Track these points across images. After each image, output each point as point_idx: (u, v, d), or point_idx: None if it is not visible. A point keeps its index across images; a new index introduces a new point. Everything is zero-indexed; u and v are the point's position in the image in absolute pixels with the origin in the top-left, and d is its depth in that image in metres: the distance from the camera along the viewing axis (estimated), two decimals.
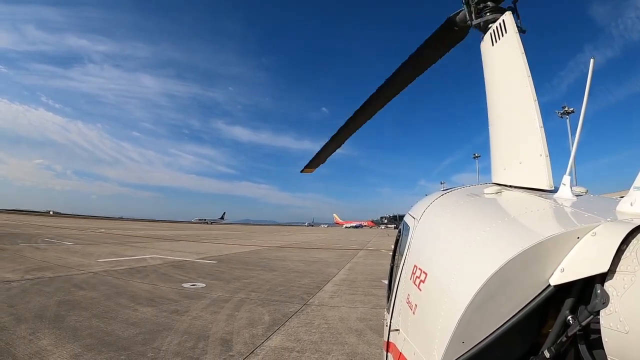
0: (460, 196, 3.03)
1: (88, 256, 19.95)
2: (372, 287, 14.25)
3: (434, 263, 2.39)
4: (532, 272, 1.67)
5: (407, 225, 3.38)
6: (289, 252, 30.40)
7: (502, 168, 3.07)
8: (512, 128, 3.00)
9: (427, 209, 3.03)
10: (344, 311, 10.29)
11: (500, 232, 2.00)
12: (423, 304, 2.33)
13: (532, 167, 2.70)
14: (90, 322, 7.98)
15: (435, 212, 2.94)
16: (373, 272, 18.88)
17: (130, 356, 6.24)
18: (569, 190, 2.41)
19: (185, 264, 19.37)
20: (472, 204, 2.77)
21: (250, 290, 12.76)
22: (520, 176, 2.81)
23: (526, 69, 2.85)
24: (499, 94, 3.23)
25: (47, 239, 30.11)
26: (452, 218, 2.69)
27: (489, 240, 1.98)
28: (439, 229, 2.73)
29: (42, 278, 12.63)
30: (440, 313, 1.95)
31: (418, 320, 2.38)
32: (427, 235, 2.80)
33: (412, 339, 2.45)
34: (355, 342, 7.66)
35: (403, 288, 2.83)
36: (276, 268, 19.33)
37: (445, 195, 3.17)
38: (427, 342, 2.09)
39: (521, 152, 2.83)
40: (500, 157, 3.15)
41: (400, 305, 2.83)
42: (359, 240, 57.30)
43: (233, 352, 6.69)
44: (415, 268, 2.54)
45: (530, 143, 2.71)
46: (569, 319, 1.65)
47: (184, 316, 8.93)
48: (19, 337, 6.74)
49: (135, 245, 30.53)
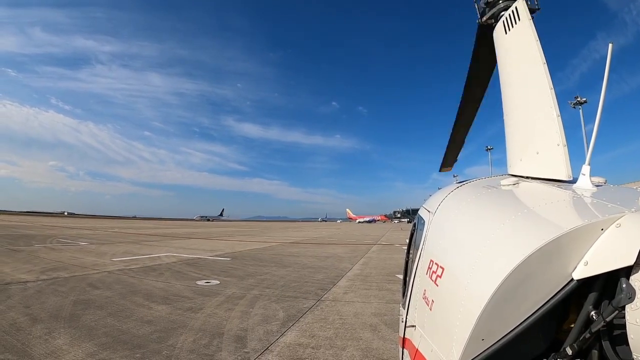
0: (476, 188, 2.94)
1: (102, 255, 20.14)
2: (386, 282, 14.15)
3: (451, 257, 2.30)
4: (555, 266, 1.59)
5: (422, 219, 3.29)
6: (302, 248, 30.40)
7: (518, 159, 2.99)
8: (528, 118, 2.92)
9: (442, 202, 2.92)
10: (358, 306, 10.22)
11: (520, 225, 1.91)
12: (440, 300, 2.25)
13: (549, 157, 2.62)
14: (106, 321, 8.00)
15: (451, 205, 2.85)
16: (387, 266, 18.76)
17: (145, 354, 6.23)
18: (589, 181, 2.33)
19: (199, 262, 19.45)
20: (490, 196, 2.68)
21: (264, 287, 12.74)
22: (538, 167, 2.73)
23: (541, 56, 2.76)
24: (514, 83, 3.15)
25: (62, 239, 30.51)
26: (469, 211, 2.59)
27: (509, 233, 1.89)
28: (455, 222, 2.64)
29: (57, 278, 12.74)
30: (459, 309, 1.87)
31: (435, 316, 2.30)
32: (444, 229, 2.70)
33: (429, 335, 2.37)
34: (370, 337, 7.59)
35: (419, 283, 2.75)
36: (290, 264, 19.31)
37: (460, 187, 3.07)
38: (445, 339, 2.02)
39: (538, 142, 2.75)
40: (516, 148, 3.06)
41: (417, 301, 2.75)
42: (372, 235, 57.10)
43: (247, 349, 6.65)
44: (432, 263, 2.46)
45: (547, 133, 2.63)
46: (592, 315, 1.59)
47: (199, 313, 8.93)
48: (35, 337, 6.78)
49: (149, 243, 30.85)
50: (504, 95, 3.29)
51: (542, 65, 2.74)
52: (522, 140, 3.00)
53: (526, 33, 2.91)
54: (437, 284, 2.28)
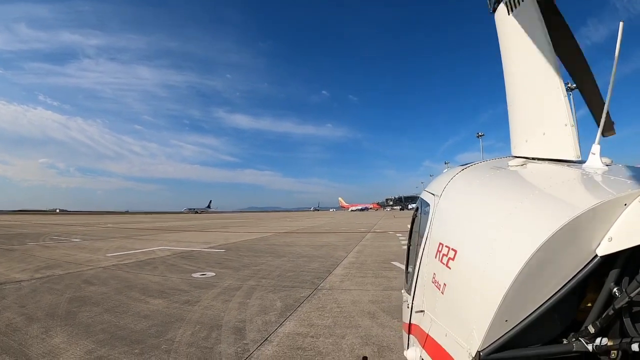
0: (483, 170, 2.92)
1: (96, 251, 20.02)
2: (382, 269, 14.20)
3: (465, 239, 2.27)
4: (579, 242, 1.58)
5: (425, 203, 3.27)
6: (296, 238, 30.42)
7: (523, 140, 2.95)
8: (534, 99, 2.87)
9: (448, 185, 2.90)
10: (355, 294, 10.25)
11: (541, 203, 1.91)
12: (454, 283, 2.21)
13: (557, 137, 2.58)
14: (102, 317, 7.96)
15: (460, 187, 2.85)
16: (381, 254, 18.83)
17: (144, 349, 6.20)
18: (599, 160, 2.27)
19: (193, 254, 19.42)
20: (500, 177, 2.64)
21: (260, 277, 12.74)
22: (545, 147, 2.69)
23: (546, 37, 2.69)
24: (518, 65, 3.09)
25: (55, 236, 30.26)
26: (481, 192, 2.59)
27: (530, 212, 1.87)
28: (466, 203, 2.64)
29: (51, 276, 12.64)
30: (479, 291, 1.85)
31: (449, 299, 2.26)
32: (453, 211, 2.70)
33: (442, 319, 2.34)
34: (369, 324, 7.62)
35: (427, 267, 2.72)
36: (285, 254, 19.33)
37: (466, 170, 3.04)
38: (463, 322, 1.99)
39: (545, 123, 2.71)
40: (521, 129, 3.03)
41: (424, 286, 2.73)
42: (366, 223, 57.34)
43: (247, 340, 6.65)
44: (441, 246, 2.43)
45: (554, 113, 2.58)
46: (615, 291, 1.58)
47: (196, 306, 8.91)
48: (32, 336, 6.71)
49: (142, 237, 30.68)
50: (507, 78, 3.24)
51: (548, 45, 2.69)
52: (528, 122, 2.97)
53: (531, 13, 2.83)
54: (449, 266, 2.26)
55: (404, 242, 23.97)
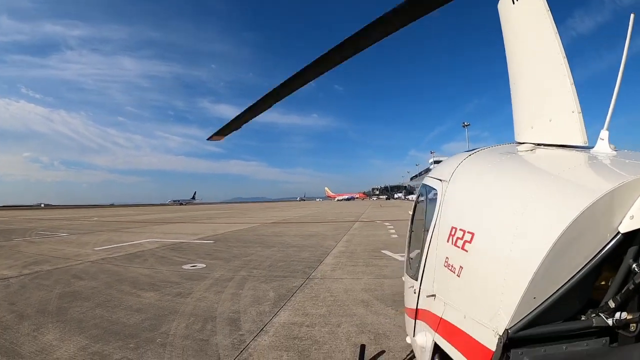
0: (493, 155, 3.00)
1: (84, 245, 19.79)
2: (372, 258, 14.27)
3: (484, 222, 2.34)
4: (603, 221, 1.67)
5: (431, 189, 3.35)
6: (284, 228, 30.42)
7: (529, 126, 2.98)
8: (540, 86, 2.90)
9: (456, 170, 2.98)
10: (347, 283, 10.30)
11: (563, 185, 2.00)
12: (473, 265, 2.27)
13: (564, 123, 2.61)
14: (94, 312, 7.87)
15: (471, 172, 2.92)
16: (370, 243, 18.92)
17: (139, 343, 6.15)
18: (607, 145, 2.37)
19: (182, 246, 19.32)
20: (514, 162, 2.72)
21: (251, 268, 12.73)
22: (552, 133, 2.72)
23: (552, 25, 2.73)
24: (523, 54, 3.12)
25: (41, 231, 29.79)
26: (498, 176, 2.63)
27: (555, 194, 1.96)
28: (482, 187, 2.68)
29: (40, 272, 12.45)
30: (506, 270, 1.90)
31: (466, 282, 2.32)
32: (467, 195, 2.77)
33: (459, 302, 2.40)
34: (364, 313, 7.66)
35: (437, 252, 2.78)
36: (274, 244, 19.31)
37: (474, 155, 3.13)
38: (486, 303, 2.04)
39: (551, 110, 2.74)
40: (526, 116, 3.06)
41: (434, 270, 2.79)
42: (353, 212, 57.50)
43: (243, 331, 6.65)
44: (454, 229, 2.50)
45: (561, 100, 2.62)
46: (634, 267, 1.68)
47: (188, 298, 8.87)
48: (23, 334, 6.61)
49: (130, 230, 30.43)
50: (511, 65, 3.27)
51: (554, 34, 2.72)
52: (533, 109, 3.00)
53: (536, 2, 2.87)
54: (465, 249, 2.31)
55: (392, 231, 24.23)
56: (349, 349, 5.90)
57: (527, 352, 1.82)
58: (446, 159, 3.71)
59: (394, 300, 8.38)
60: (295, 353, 5.80)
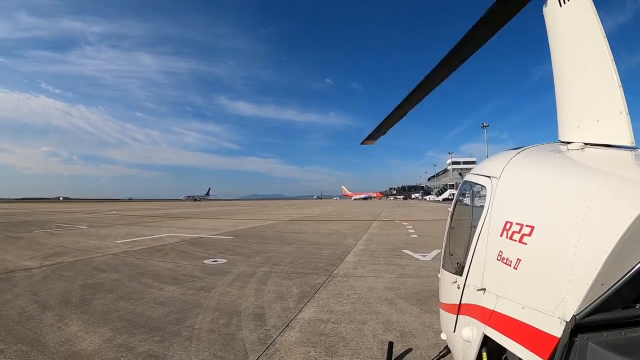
0: (544, 152, 3.09)
1: (104, 238, 19.97)
2: (394, 257, 14.08)
3: (546, 215, 2.42)
4: None
5: (477, 185, 3.45)
6: (303, 225, 30.34)
7: (575, 126, 3.09)
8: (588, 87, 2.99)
9: (507, 167, 3.07)
10: (370, 281, 10.13)
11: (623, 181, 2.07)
12: (533, 257, 2.36)
13: (611, 124, 2.75)
14: (118, 305, 7.83)
15: (525, 168, 3.00)
16: (391, 242, 18.70)
17: (165, 336, 6.08)
18: None
19: (202, 241, 19.33)
20: (568, 159, 2.80)
21: (272, 264, 12.64)
22: (599, 133, 2.83)
23: (600, 28, 2.84)
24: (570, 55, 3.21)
25: (61, 224, 30.24)
26: (555, 171, 2.71)
27: (617, 189, 2.03)
28: (540, 182, 2.71)
29: (61, 263, 12.53)
30: (573, 259, 1.99)
31: (526, 273, 2.40)
32: (523, 190, 2.77)
33: (515, 294, 2.47)
34: (389, 311, 7.50)
35: (488, 246, 2.86)
36: (293, 241, 19.22)
37: (523, 153, 3.21)
38: (551, 291, 2.13)
39: (599, 111, 2.85)
40: (572, 116, 3.16)
41: (484, 264, 2.87)
42: (370, 211, 57.21)
43: (268, 327, 6.53)
44: (509, 224, 2.59)
45: (609, 101, 2.75)
46: None
47: (211, 293, 8.79)
48: (47, 325, 6.57)
49: (149, 224, 30.67)
50: (556, 67, 3.36)
51: (602, 36, 2.81)
52: (580, 109, 3.08)
53: (584, 6, 2.97)
54: (523, 242, 2.41)
55: (411, 231, 24.06)
56: (375, 346, 5.77)
57: (592, 337, 1.94)
58: (491, 157, 3.77)
59: (418, 299, 8.24)
60: (323, 349, 5.67)
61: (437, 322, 4.58)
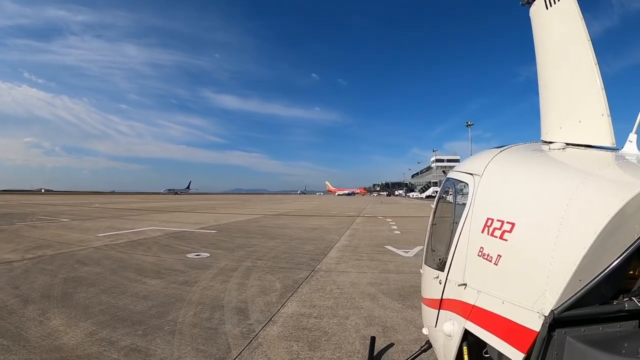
0: (526, 151, 3.15)
1: (86, 231, 19.74)
2: (376, 253, 14.24)
3: (526, 213, 2.48)
4: None
5: (460, 182, 3.48)
6: (286, 220, 30.38)
7: (557, 126, 3.17)
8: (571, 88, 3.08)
9: (489, 165, 3.10)
10: (353, 276, 10.25)
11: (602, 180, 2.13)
12: (514, 253, 2.41)
13: (593, 126, 2.82)
14: (100, 298, 7.82)
15: (506, 166, 3.04)
16: (374, 238, 18.89)
17: (147, 330, 6.10)
18: (635, 147, 2.60)
19: (185, 235, 19.27)
20: (549, 158, 2.88)
21: (255, 258, 12.69)
22: (580, 134, 2.91)
23: (585, 32, 2.90)
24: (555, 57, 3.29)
25: (43, 216, 29.74)
26: (536, 170, 2.77)
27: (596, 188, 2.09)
28: (521, 180, 2.79)
29: (43, 256, 12.39)
30: (552, 255, 2.05)
31: (506, 269, 2.46)
32: (504, 188, 2.88)
33: (496, 289, 2.54)
34: (371, 306, 7.63)
35: (468, 242, 2.90)
36: (277, 236, 19.27)
37: (506, 151, 3.25)
38: (531, 287, 2.19)
39: (581, 112, 2.94)
40: (555, 116, 3.24)
41: (465, 260, 2.92)
42: (354, 207, 57.34)
43: (251, 321, 6.60)
44: (491, 221, 2.64)
45: (591, 103, 2.82)
46: None
47: (194, 287, 8.82)
48: (29, 319, 6.54)
49: (132, 218, 30.44)
50: (541, 68, 3.44)
51: (586, 39, 2.88)
52: (563, 110, 3.16)
53: (570, 10, 3.02)
54: (504, 238, 2.47)
55: (394, 227, 24.26)
56: (358, 341, 5.87)
57: (570, 332, 2.05)
58: (474, 155, 3.85)
59: (400, 295, 8.38)
60: (305, 343, 5.76)
61: (419, 318, 4.67)
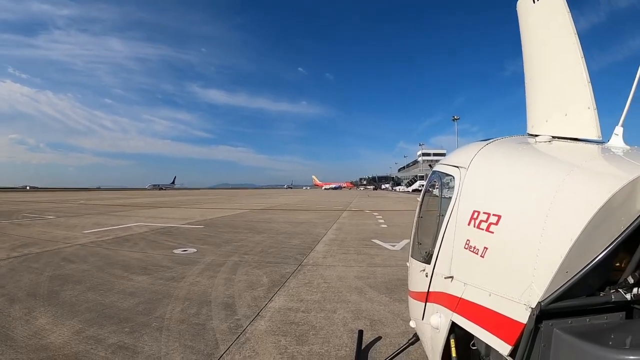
0: (512, 144, 3.16)
1: (72, 228, 19.57)
2: (363, 247, 14.35)
3: (512, 205, 2.48)
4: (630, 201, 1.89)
5: (446, 175, 3.48)
6: (273, 215, 30.36)
7: (543, 120, 3.18)
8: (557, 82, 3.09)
9: (475, 158, 3.08)
10: (340, 270, 10.34)
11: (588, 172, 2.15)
12: (500, 245, 2.41)
13: (579, 119, 2.83)
14: (87, 296, 7.79)
15: (492, 159, 3.05)
16: (361, 231, 19.00)
17: (134, 327, 6.11)
18: (622, 140, 2.63)
19: (172, 230, 19.21)
20: (535, 151, 2.89)
21: (242, 253, 12.70)
22: (566, 127, 2.93)
23: (572, 26, 2.91)
24: (541, 50, 3.30)
25: (28, 214, 29.30)
26: (522, 162, 2.78)
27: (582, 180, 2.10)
28: (507, 173, 2.79)
29: (29, 254, 12.26)
30: (539, 247, 2.07)
31: (493, 262, 2.46)
32: (491, 181, 2.89)
33: (482, 282, 2.54)
34: (358, 299, 7.72)
35: (454, 235, 2.92)
36: (264, 230, 19.29)
37: (492, 144, 3.23)
38: (517, 279, 2.20)
39: (567, 105, 2.95)
40: (541, 110, 3.26)
41: (452, 253, 2.92)
42: (341, 201, 57.49)
43: (239, 316, 6.65)
44: (477, 213, 2.64)
45: (577, 97, 2.83)
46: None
47: (181, 282, 8.83)
48: (15, 318, 6.50)
49: (118, 214, 30.12)
50: (527, 61, 3.46)
51: (573, 33, 2.89)
52: (549, 103, 3.18)
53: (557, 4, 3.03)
54: (490, 231, 2.47)
55: (381, 220, 24.44)
56: (345, 335, 5.94)
57: (557, 324, 2.04)
58: (460, 148, 3.83)
59: (387, 288, 8.48)
60: (293, 338, 5.82)
61: (406, 311, 4.72)
